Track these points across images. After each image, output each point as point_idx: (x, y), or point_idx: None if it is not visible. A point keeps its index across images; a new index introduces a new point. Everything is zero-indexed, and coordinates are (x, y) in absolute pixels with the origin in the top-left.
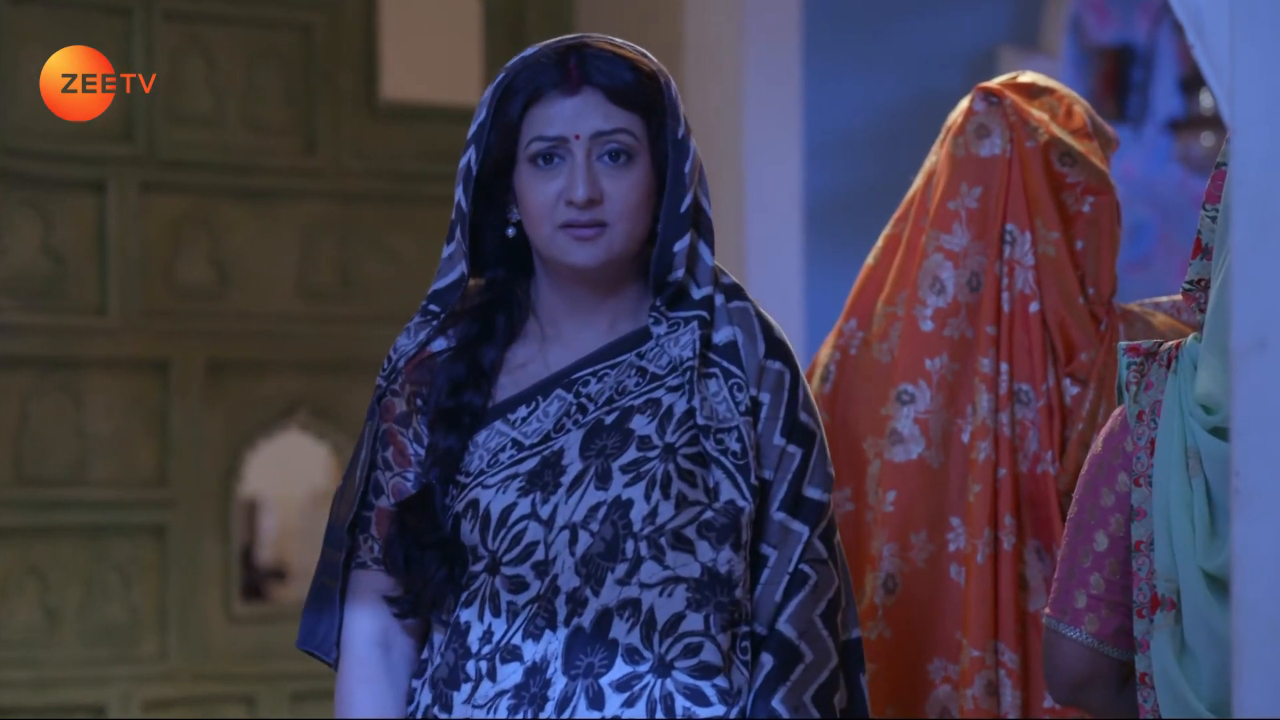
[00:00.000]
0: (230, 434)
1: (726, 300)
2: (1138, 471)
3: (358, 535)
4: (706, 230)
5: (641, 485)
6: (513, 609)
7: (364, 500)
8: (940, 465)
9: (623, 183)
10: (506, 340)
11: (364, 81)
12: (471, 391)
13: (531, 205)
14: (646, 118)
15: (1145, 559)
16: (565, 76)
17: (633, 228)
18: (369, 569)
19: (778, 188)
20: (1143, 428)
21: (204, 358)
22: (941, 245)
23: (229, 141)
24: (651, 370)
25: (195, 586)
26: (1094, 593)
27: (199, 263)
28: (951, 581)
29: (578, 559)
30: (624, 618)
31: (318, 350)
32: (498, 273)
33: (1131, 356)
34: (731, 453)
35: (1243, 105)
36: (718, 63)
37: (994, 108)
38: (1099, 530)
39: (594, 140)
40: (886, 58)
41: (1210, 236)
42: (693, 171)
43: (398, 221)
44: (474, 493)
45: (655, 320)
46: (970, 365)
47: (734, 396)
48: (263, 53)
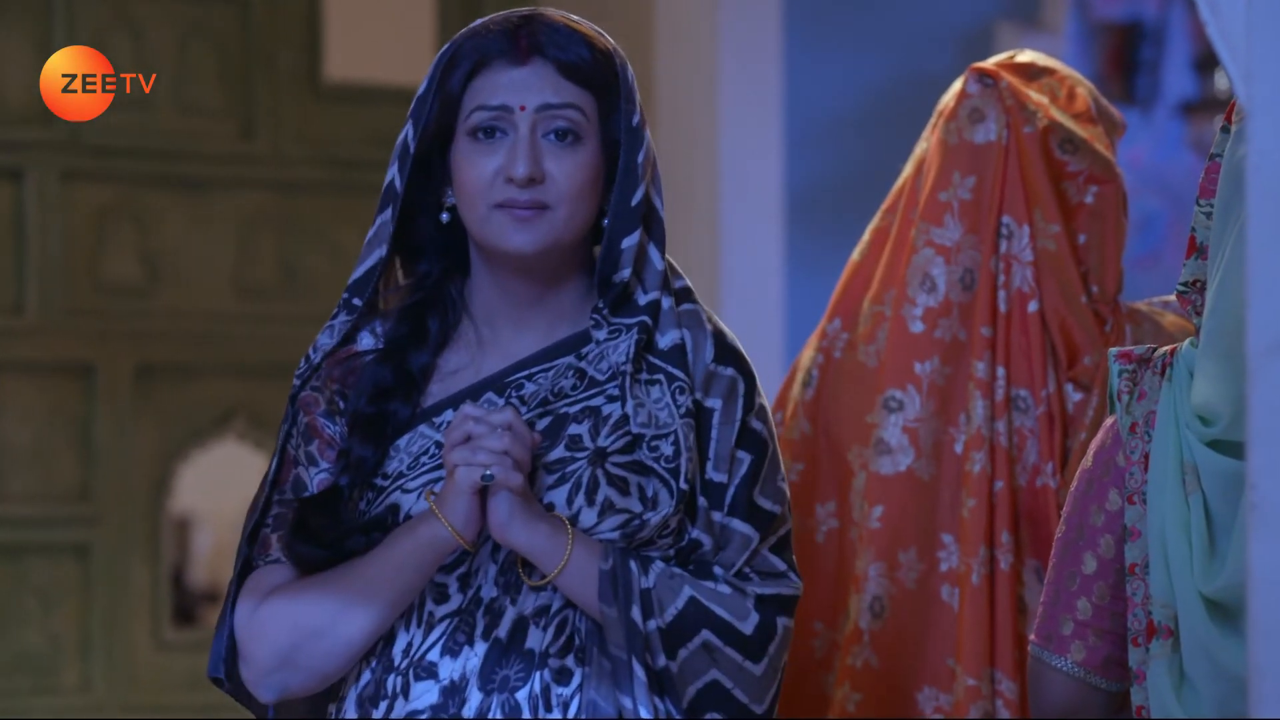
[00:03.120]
0: (160, 444)
1: (676, 304)
2: (1131, 488)
3: (268, 535)
4: (657, 231)
5: (565, 489)
6: (430, 621)
7: (283, 501)
8: (931, 478)
9: (568, 163)
10: (439, 345)
11: (306, 60)
12: (398, 400)
13: (467, 181)
14: (599, 97)
15: (1140, 583)
16: (514, 45)
17: (575, 213)
18: (278, 564)
19: (756, 177)
20: (1136, 440)
21: (131, 361)
22: (932, 239)
23: (159, 125)
24: (591, 374)
25: (121, 611)
26: (1081, 619)
27: (126, 258)
28: (943, 604)
29: (499, 567)
30: (540, 626)
31: (256, 353)
32: (431, 268)
33: (1123, 364)
34: (664, 457)
35: (1260, 88)
36: (691, 40)
37: (989, 90)
38: (1087, 551)
39: (540, 114)
40: (874, 35)
41: (1206, 234)
42: (646, 164)
43: (343, 213)
44: (393, 496)
45: (596, 324)
46: (963, 370)
47: (675, 400)
48: (195, 28)
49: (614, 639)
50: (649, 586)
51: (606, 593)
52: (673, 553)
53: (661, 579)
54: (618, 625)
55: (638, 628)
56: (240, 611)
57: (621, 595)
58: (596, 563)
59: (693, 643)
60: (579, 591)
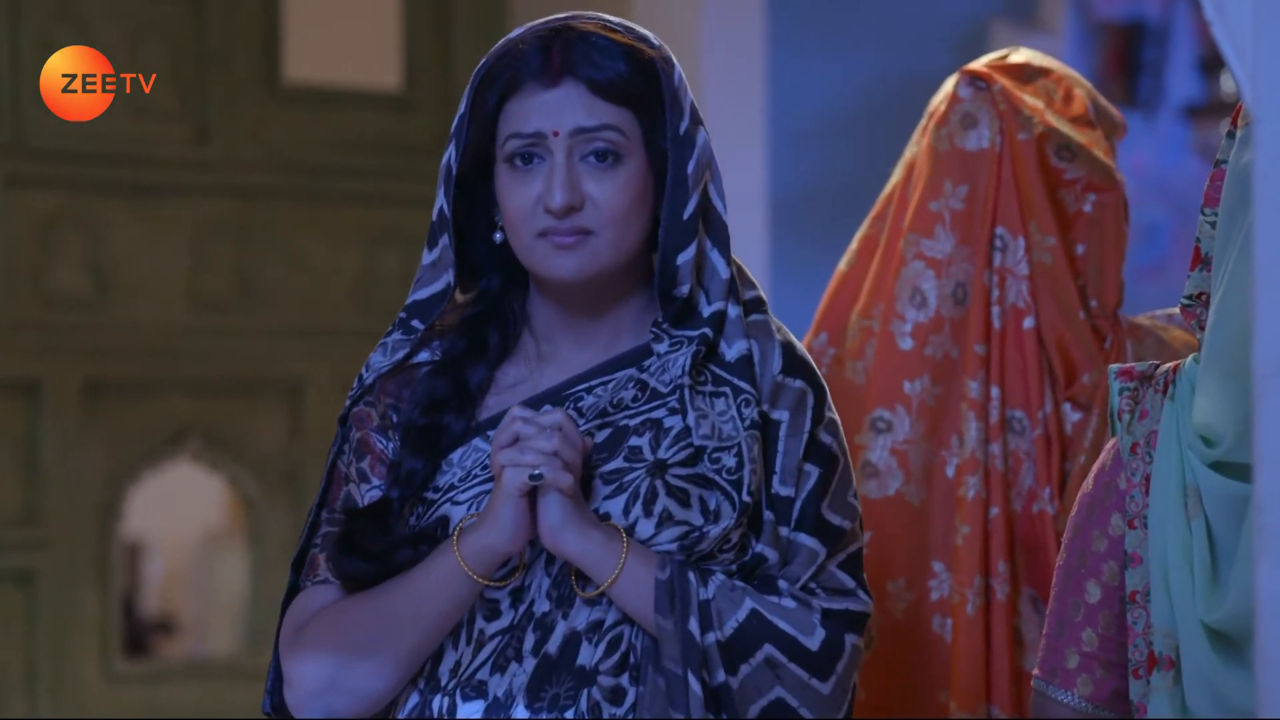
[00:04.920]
0: (110, 465)
1: (745, 314)
2: (1132, 512)
3: (316, 555)
4: (719, 234)
5: (622, 499)
6: (481, 638)
7: (332, 520)
8: (921, 503)
9: (609, 185)
10: (498, 358)
11: (264, 60)
12: (452, 413)
13: (509, 210)
14: (639, 112)
15: (1141, 611)
16: (546, 66)
17: (622, 236)
18: (325, 584)
19: (739, 181)
20: (1137, 462)
21: (80, 377)
22: (922, 251)
23: (108, 129)
24: (653, 385)
25: (69, 641)
26: (1087, 650)
27: (74, 268)
28: (934, 635)
29: (552, 579)
30: (592, 642)
31: (211, 368)
32: (491, 282)
33: (1124, 381)
34: (726, 469)
35: (1267, 90)
36: (670, 37)
37: (981, 94)
38: (1090, 580)
39: (575, 137)
40: (864, 33)
41: (1210, 245)
42: (699, 169)
43: (304, 221)
44: (443, 509)
45: (656, 337)
46: (955, 389)
47: (740, 412)
48: (147, 25)
49: (669, 652)
50: (708, 598)
51: (662, 603)
52: (735, 568)
53: (722, 591)
54: (674, 638)
55: (695, 641)
56: (284, 635)
57: (679, 606)
58: (653, 572)
59: (755, 658)
60: (634, 603)
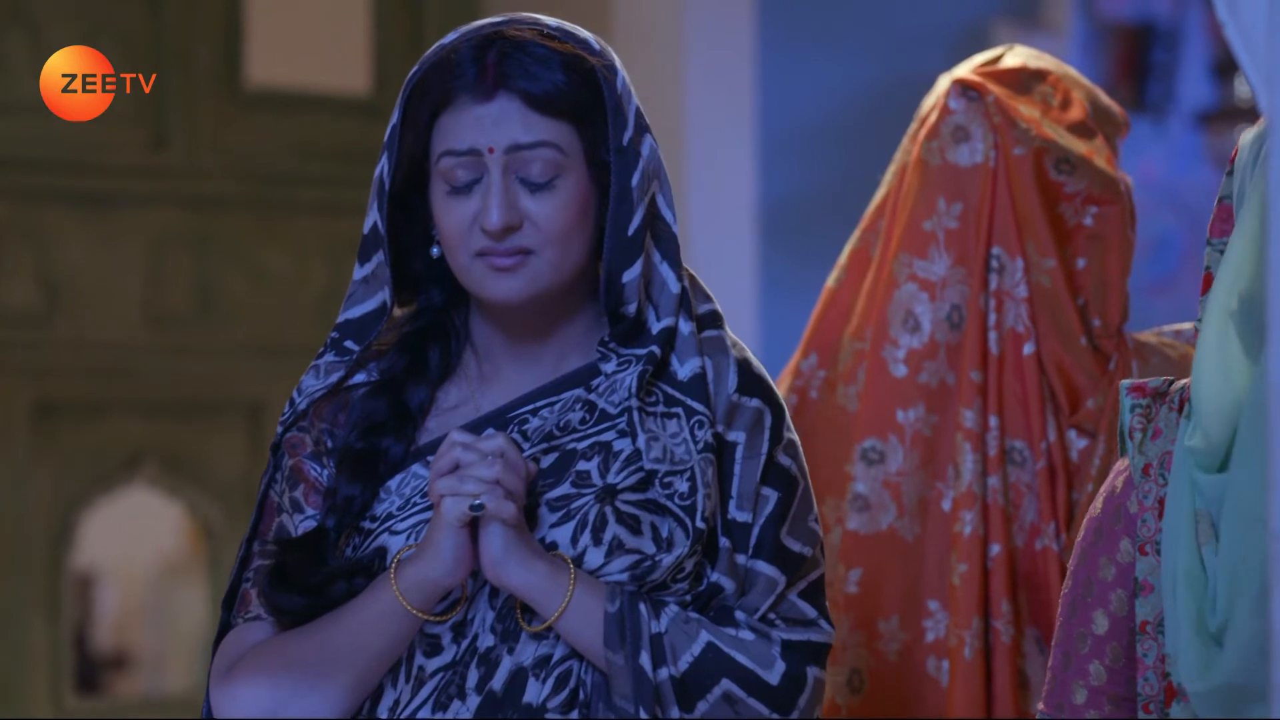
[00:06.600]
0: (61, 491)
1: (699, 330)
2: (1143, 537)
3: (247, 590)
4: (668, 246)
5: (569, 526)
6: (421, 676)
7: (264, 552)
8: (915, 538)
9: (548, 203)
10: (439, 377)
11: (225, 62)
12: (391, 436)
13: (445, 230)
14: (580, 124)
15: (1153, 642)
16: (479, 79)
17: (563, 255)
18: (257, 621)
19: (726, 191)
20: (1149, 484)
21: (28, 398)
22: (915, 273)
23: (58, 133)
24: (602, 406)
25: (17, 676)
26: (1094, 684)
27: (22, 282)
28: (929, 678)
29: (496, 613)
30: (539, 678)
31: (169, 388)
32: (431, 297)
33: (1136, 398)
34: (679, 494)
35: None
36: (654, 40)
37: (974, 105)
38: (1098, 609)
39: (511, 154)
40: (857, 35)
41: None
42: (645, 180)
43: (266, 231)
44: (381, 539)
45: (604, 356)
46: (951, 418)
47: (694, 434)
48: (100, 24)
49: (620, 689)
50: (660, 631)
51: (612, 637)
52: (690, 598)
53: (675, 624)
54: (625, 674)
55: (646, 676)
56: (215, 674)
57: (630, 640)
58: (602, 605)
59: (712, 694)
60: (583, 637)
